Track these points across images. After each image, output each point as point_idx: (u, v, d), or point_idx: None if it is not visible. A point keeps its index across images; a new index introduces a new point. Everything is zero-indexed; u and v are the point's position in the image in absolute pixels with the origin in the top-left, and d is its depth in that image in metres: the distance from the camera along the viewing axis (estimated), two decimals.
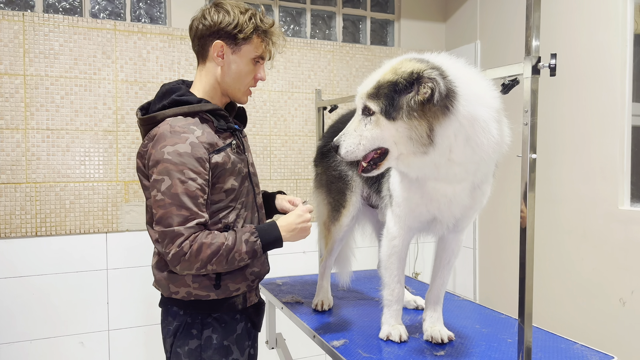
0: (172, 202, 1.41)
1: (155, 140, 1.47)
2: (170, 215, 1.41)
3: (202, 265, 1.42)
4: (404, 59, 1.39)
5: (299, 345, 3.06)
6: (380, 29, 3.91)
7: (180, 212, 1.41)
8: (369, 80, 1.40)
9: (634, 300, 2.46)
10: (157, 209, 1.43)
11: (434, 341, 1.62)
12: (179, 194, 1.41)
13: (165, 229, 1.41)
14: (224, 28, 1.51)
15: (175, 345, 1.58)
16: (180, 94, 1.53)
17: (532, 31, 1.26)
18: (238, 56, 1.55)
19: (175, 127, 1.46)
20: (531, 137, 1.29)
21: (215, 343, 1.56)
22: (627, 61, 2.55)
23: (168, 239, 1.41)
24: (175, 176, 1.41)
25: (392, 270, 1.66)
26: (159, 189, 1.42)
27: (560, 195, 2.86)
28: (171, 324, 1.59)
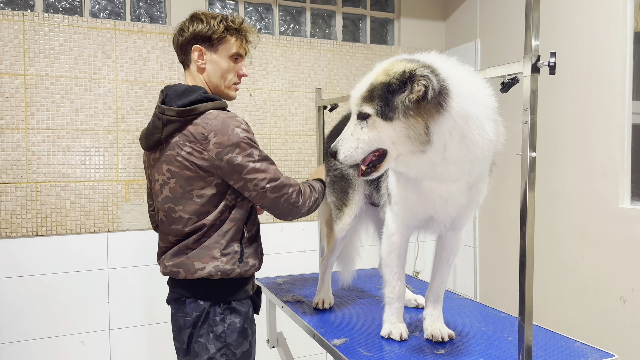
0: (267, 163, 1.63)
1: (220, 128, 1.58)
2: (274, 171, 1.64)
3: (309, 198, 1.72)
4: (394, 60, 1.40)
5: (300, 344, 3.06)
6: (380, 28, 3.91)
7: (275, 167, 1.66)
8: (362, 84, 1.40)
9: (634, 298, 2.47)
10: (263, 174, 1.61)
11: (434, 339, 1.63)
12: (267, 157, 1.66)
13: (279, 180, 1.64)
14: (199, 33, 1.68)
15: (196, 335, 1.65)
16: (205, 92, 1.67)
17: (531, 30, 1.26)
18: (216, 56, 1.71)
19: (228, 114, 1.63)
20: (531, 136, 1.29)
21: (238, 327, 1.66)
22: (627, 59, 2.55)
23: (286, 185, 1.65)
24: (256, 145, 1.63)
25: (392, 267, 1.67)
26: (254, 159, 1.60)
27: (560, 193, 2.87)
28: (189, 315, 1.65)
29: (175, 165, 1.62)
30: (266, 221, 3.38)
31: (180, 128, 1.61)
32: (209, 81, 1.72)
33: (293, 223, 3.49)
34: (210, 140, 1.56)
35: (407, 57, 1.40)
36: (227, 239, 1.64)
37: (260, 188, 1.60)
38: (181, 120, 1.60)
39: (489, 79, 1.56)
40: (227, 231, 1.64)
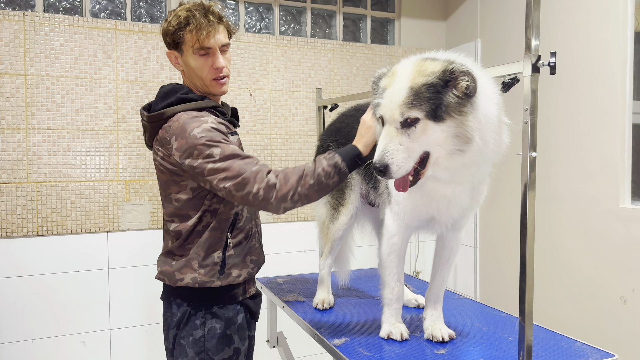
0: (232, 160, 1.47)
1: (179, 131, 1.52)
2: (239, 167, 1.46)
3: (294, 190, 1.46)
4: (420, 60, 1.37)
5: (300, 344, 3.06)
6: (380, 28, 3.91)
7: (243, 160, 1.48)
8: (396, 91, 1.32)
9: (634, 298, 2.47)
10: (225, 173, 1.46)
11: (434, 340, 1.63)
12: (233, 152, 1.49)
13: (243, 175, 1.45)
14: (165, 37, 1.64)
15: (178, 337, 1.63)
16: (184, 93, 1.61)
17: (531, 30, 1.26)
18: (185, 56, 1.63)
19: (191, 114, 1.54)
20: (531, 136, 1.29)
21: (218, 333, 1.62)
22: (628, 59, 2.55)
23: (251, 180, 1.45)
24: (217, 143, 1.49)
25: (392, 268, 1.66)
26: (214, 159, 1.47)
27: (560, 193, 2.86)
28: (174, 315, 1.64)
29: (156, 169, 1.64)
30: (266, 221, 3.38)
31: (154, 133, 1.62)
32: (192, 82, 1.67)
33: (293, 223, 3.49)
34: (172, 145, 1.53)
35: (430, 56, 1.40)
36: (206, 248, 1.60)
37: (223, 187, 1.47)
38: (153, 125, 1.60)
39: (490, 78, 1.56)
40: (206, 240, 1.60)
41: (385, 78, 1.40)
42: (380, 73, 1.47)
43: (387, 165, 1.30)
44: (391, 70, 1.41)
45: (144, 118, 1.62)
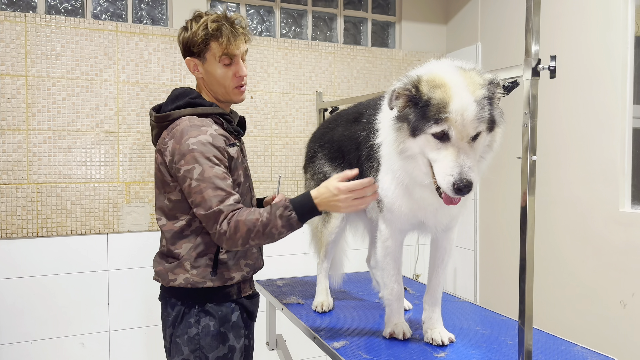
0: (207, 185, 1.51)
1: (177, 135, 1.56)
2: (208, 197, 1.51)
3: (244, 241, 1.51)
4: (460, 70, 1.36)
5: (300, 346, 3.06)
6: (381, 31, 3.91)
7: (216, 192, 1.51)
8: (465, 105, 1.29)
9: (634, 302, 2.46)
10: (195, 195, 1.52)
11: (434, 343, 1.63)
12: (212, 177, 1.52)
13: (207, 212, 1.51)
14: (186, 44, 1.65)
15: (174, 335, 1.66)
16: (193, 97, 1.66)
17: (531, 34, 1.26)
18: (207, 65, 1.66)
19: (193, 122, 1.58)
20: (531, 139, 1.29)
21: (212, 330, 1.63)
22: (628, 63, 2.55)
23: (212, 220, 1.51)
24: (204, 162, 1.52)
25: (389, 270, 1.68)
26: (192, 177, 1.52)
27: (560, 197, 2.86)
28: (170, 314, 1.67)
29: (155, 167, 1.69)
30: None
31: (159, 133, 1.67)
32: (211, 90, 1.70)
33: None
34: (167, 146, 1.58)
35: (456, 65, 1.41)
36: (199, 251, 1.62)
37: (194, 207, 1.54)
38: (159, 125, 1.65)
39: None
40: (199, 244, 1.62)
41: (437, 90, 1.31)
42: (409, 83, 1.35)
43: (471, 183, 1.28)
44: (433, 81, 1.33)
45: (152, 118, 1.67)
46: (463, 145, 1.30)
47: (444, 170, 1.30)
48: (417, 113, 1.33)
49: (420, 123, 1.32)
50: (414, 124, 1.33)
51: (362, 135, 1.72)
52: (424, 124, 1.31)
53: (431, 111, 1.30)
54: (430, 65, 1.47)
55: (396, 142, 1.39)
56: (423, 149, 1.35)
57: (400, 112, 1.38)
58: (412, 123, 1.34)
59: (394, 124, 1.39)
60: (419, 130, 1.33)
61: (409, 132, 1.35)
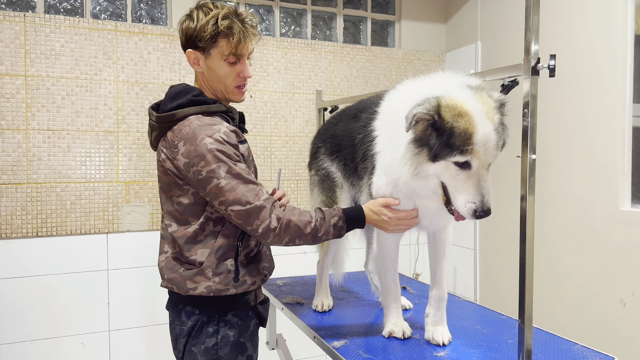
0: (238, 182, 1.44)
1: (189, 136, 1.47)
2: (243, 193, 1.44)
3: (290, 240, 1.48)
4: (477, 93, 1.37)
5: (300, 346, 3.06)
6: (380, 30, 3.91)
7: (248, 187, 1.45)
8: (487, 134, 1.30)
9: (634, 301, 2.46)
10: (227, 194, 1.44)
11: (434, 342, 1.63)
12: (240, 173, 1.46)
13: (246, 207, 1.44)
14: (190, 36, 1.54)
15: (189, 344, 1.58)
16: (196, 94, 1.56)
17: (531, 34, 1.26)
18: (210, 60, 1.56)
19: (203, 121, 1.50)
20: (531, 138, 1.29)
21: (232, 340, 1.57)
22: (628, 62, 2.55)
23: (253, 215, 1.44)
24: (227, 160, 1.45)
25: (386, 271, 1.69)
26: (219, 176, 1.44)
27: (560, 195, 2.86)
28: (185, 323, 1.59)
29: (159, 170, 1.59)
30: None
31: (162, 134, 1.58)
32: (210, 87, 1.62)
33: None
34: (179, 149, 1.48)
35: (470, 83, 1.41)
36: (219, 256, 1.54)
37: (224, 209, 1.46)
38: (161, 126, 1.56)
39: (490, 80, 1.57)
40: (218, 248, 1.54)
41: (460, 120, 1.30)
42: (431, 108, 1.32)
43: (491, 209, 1.34)
44: (455, 108, 1.31)
45: (153, 118, 1.57)
46: (482, 172, 1.33)
47: (465, 198, 1.33)
48: (440, 140, 1.32)
49: (443, 151, 1.32)
50: (436, 150, 1.32)
51: (358, 138, 1.71)
52: (448, 152, 1.31)
53: (456, 141, 1.30)
54: (437, 79, 1.47)
55: (412, 165, 1.36)
56: (441, 173, 1.36)
57: (419, 136, 1.35)
58: (434, 149, 1.32)
59: (411, 147, 1.36)
60: (441, 157, 1.33)
61: (428, 157, 1.34)
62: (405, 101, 1.43)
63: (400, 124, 1.39)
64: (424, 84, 1.49)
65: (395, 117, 1.46)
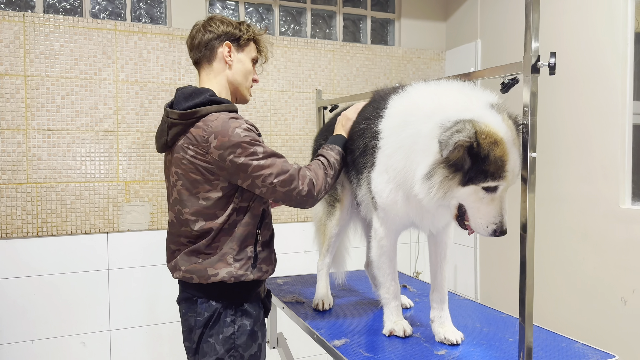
0: (274, 157, 1.61)
1: (219, 130, 1.57)
2: (282, 164, 1.61)
3: (324, 182, 1.69)
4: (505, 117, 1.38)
5: (300, 344, 3.06)
6: (380, 28, 3.91)
7: (282, 159, 1.63)
8: (515, 160, 1.33)
9: (635, 299, 2.46)
10: (270, 169, 1.59)
11: (447, 343, 1.62)
12: (272, 151, 1.62)
13: (288, 172, 1.61)
14: (229, 32, 1.73)
15: (206, 335, 1.64)
16: (212, 94, 1.66)
17: (531, 31, 1.26)
18: (242, 56, 1.77)
19: (228, 115, 1.62)
20: (531, 136, 1.29)
21: (248, 329, 1.66)
22: (628, 60, 2.54)
23: (296, 178, 1.62)
24: (259, 142, 1.60)
25: (385, 269, 1.69)
26: (257, 156, 1.58)
27: (561, 194, 2.86)
28: (201, 315, 1.65)
29: (181, 168, 1.63)
30: None
31: (184, 131, 1.62)
32: (233, 79, 1.75)
33: (293, 224, 3.49)
34: (211, 142, 1.56)
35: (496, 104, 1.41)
36: (240, 243, 1.64)
37: (269, 184, 1.58)
38: (184, 123, 1.61)
39: (490, 79, 1.57)
40: (240, 235, 1.64)
41: (496, 147, 1.31)
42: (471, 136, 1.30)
43: (507, 229, 1.38)
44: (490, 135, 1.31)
45: (173, 115, 1.62)
46: (504, 195, 1.37)
47: (486, 219, 1.37)
48: (475, 166, 1.32)
49: (477, 176, 1.33)
50: (469, 175, 1.33)
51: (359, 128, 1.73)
52: (482, 178, 1.33)
53: (490, 167, 1.32)
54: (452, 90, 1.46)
55: (441, 190, 1.35)
56: (466, 197, 1.37)
57: (454, 161, 1.33)
58: (467, 174, 1.33)
59: (443, 172, 1.34)
60: (472, 182, 1.34)
61: (460, 181, 1.34)
62: (423, 111, 1.42)
63: (418, 137, 1.39)
64: (442, 94, 1.46)
65: (410, 127, 1.44)
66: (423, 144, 1.38)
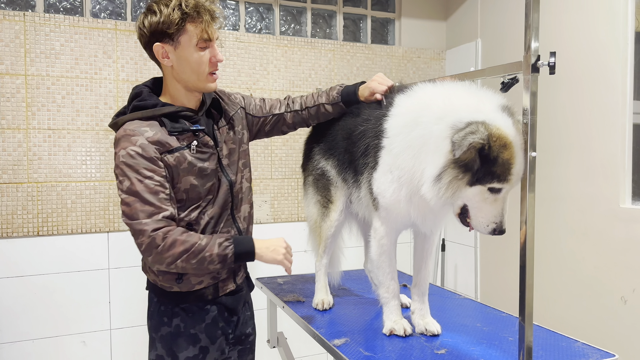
0: (135, 199, 1.47)
1: (115, 144, 1.54)
2: (136, 211, 1.47)
3: (173, 260, 1.48)
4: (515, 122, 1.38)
5: (300, 344, 3.06)
6: (381, 28, 3.91)
7: (144, 207, 1.47)
8: (521, 164, 1.35)
9: (635, 298, 2.46)
10: (124, 207, 1.49)
11: (428, 333, 1.67)
12: (140, 192, 1.47)
13: (134, 222, 1.47)
14: (155, 28, 1.49)
15: (151, 330, 1.67)
16: (140, 99, 1.56)
17: (531, 31, 1.26)
18: (181, 49, 1.51)
19: (127, 130, 1.51)
20: (531, 135, 1.29)
21: (183, 331, 1.62)
22: (628, 59, 2.54)
23: (138, 232, 1.48)
24: (132, 176, 1.47)
25: (384, 268, 1.70)
26: (122, 189, 1.49)
27: (561, 193, 2.86)
28: (149, 307, 1.69)
29: None
30: (266, 221, 3.38)
31: None
32: (181, 79, 1.56)
33: (293, 223, 3.49)
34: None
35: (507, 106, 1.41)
36: None
37: (122, 216, 1.51)
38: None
39: (490, 78, 1.57)
40: None
41: (505, 151, 1.33)
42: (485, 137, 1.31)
43: (505, 229, 1.41)
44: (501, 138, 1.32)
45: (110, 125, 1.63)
46: (506, 197, 1.40)
47: (487, 219, 1.40)
48: (484, 167, 1.34)
49: (485, 177, 1.35)
50: (477, 175, 1.35)
51: (358, 130, 1.72)
52: (489, 179, 1.35)
53: (497, 169, 1.34)
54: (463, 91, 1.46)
55: (450, 189, 1.37)
56: (471, 197, 1.39)
57: (464, 162, 1.35)
58: (476, 175, 1.35)
59: (453, 172, 1.36)
60: (479, 182, 1.36)
61: (468, 181, 1.37)
62: (434, 111, 1.42)
63: (429, 138, 1.40)
64: (452, 95, 1.46)
65: (420, 128, 1.44)
66: (434, 144, 1.39)
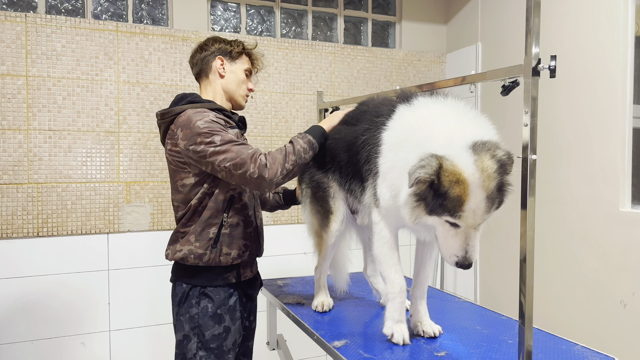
0: (231, 144, 1.74)
1: (185, 123, 1.78)
2: (237, 150, 1.73)
3: (282, 167, 1.76)
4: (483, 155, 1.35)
5: (300, 346, 3.06)
6: (381, 31, 3.92)
7: (240, 147, 1.75)
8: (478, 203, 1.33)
9: (634, 302, 2.47)
10: (224, 155, 1.72)
11: (425, 335, 1.67)
12: (232, 138, 1.76)
13: (238, 159, 1.72)
14: (222, 48, 2.00)
15: (179, 313, 1.90)
16: (193, 98, 1.91)
17: (531, 36, 1.26)
18: (235, 67, 2.01)
19: (196, 110, 1.82)
20: (531, 139, 1.29)
21: (210, 311, 1.88)
22: (628, 63, 2.55)
23: (247, 161, 1.72)
24: (217, 132, 1.75)
25: (387, 261, 1.67)
26: (216, 143, 1.73)
27: (561, 196, 2.87)
28: (177, 295, 1.91)
29: (166, 161, 1.92)
30: (266, 223, 3.38)
31: (166, 129, 1.90)
32: (226, 87, 1.99)
33: (293, 225, 3.49)
34: (178, 135, 1.80)
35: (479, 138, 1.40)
36: (203, 224, 1.85)
37: (224, 167, 1.73)
38: (164, 122, 1.89)
39: (490, 81, 1.57)
40: (205, 218, 1.85)
41: (456, 187, 1.33)
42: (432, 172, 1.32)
43: (472, 263, 1.41)
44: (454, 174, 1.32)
45: (157, 117, 1.92)
46: (470, 231, 1.39)
47: (450, 250, 1.42)
48: (436, 200, 1.37)
49: (437, 209, 1.38)
50: (431, 207, 1.38)
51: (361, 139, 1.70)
52: (441, 211, 1.37)
53: (448, 204, 1.35)
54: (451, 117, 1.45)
55: (412, 215, 1.43)
56: (436, 225, 1.43)
57: (418, 192, 1.39)
58: (430, 206, 1.38)
59: (411, 200, 1.41)
60: (434, 213, 1.39)
61: (425, 210, 1.40)
62: (417, 136, 1.44)
63: (406, 163, 1.41)
64: (438, 121, 1.46)
65: (404, 151, 1.46)
66: (408, 168, 1.41)
